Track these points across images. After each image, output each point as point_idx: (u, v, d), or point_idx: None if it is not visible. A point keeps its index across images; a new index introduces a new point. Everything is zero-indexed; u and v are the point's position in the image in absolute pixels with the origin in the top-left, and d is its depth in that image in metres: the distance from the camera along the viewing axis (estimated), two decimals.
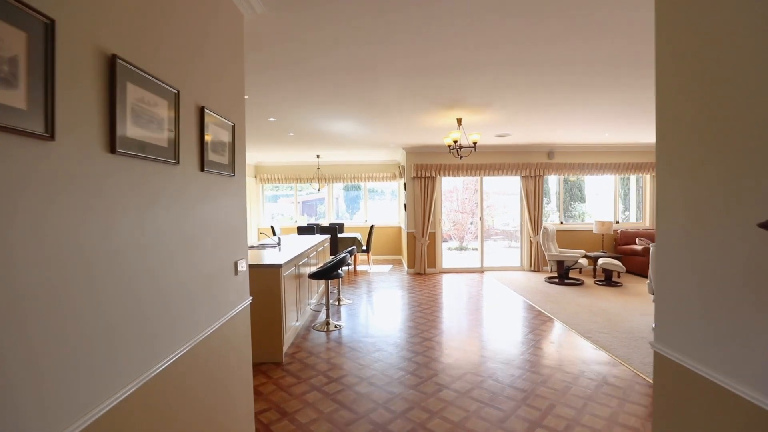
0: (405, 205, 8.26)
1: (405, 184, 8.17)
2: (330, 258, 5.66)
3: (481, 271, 8.10)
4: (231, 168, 1.99)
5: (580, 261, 6.73)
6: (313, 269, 4.76)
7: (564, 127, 5.98)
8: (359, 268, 8.51)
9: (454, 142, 5.16)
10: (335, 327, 4.48)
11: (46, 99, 0.86)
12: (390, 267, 8.78)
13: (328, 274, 4.35)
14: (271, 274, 3.54)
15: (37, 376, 0.86)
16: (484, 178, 8.22)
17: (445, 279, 7.40)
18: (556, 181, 8.60)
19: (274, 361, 3.50)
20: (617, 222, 8.33)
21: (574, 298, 5.69)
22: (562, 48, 2.86)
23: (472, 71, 3.35)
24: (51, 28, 0.86)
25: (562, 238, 8.01)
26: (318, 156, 8.97)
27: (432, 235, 8.00)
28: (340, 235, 8.11)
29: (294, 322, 4.12)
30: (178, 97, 1.43)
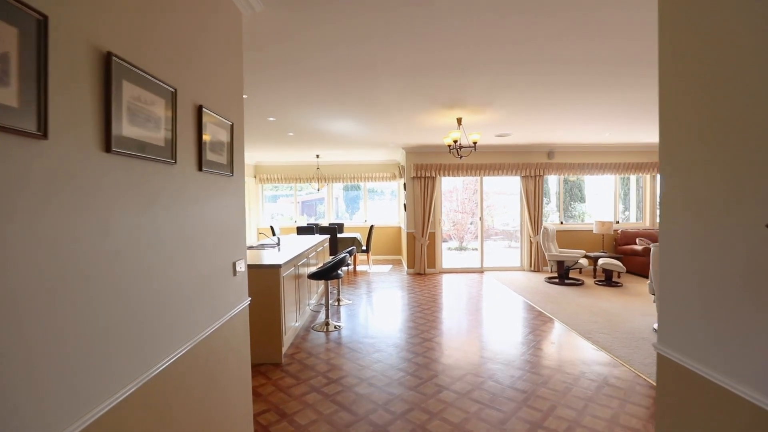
0: (405, 205, 8.24)
1: (405, 184, 8.16)
2: (329, 258, 5.65)
3: (481, 272, 8.09)
4: (229, 168, 1.97)
5: (580, 261, 6.72)
6: (313, 269, 4.74)
7: (564, 127, 5.96)
8: (359, 269, 8.50)
9: (454, 142, 5.14)
10: (335, 327, 4.46)
11: (39, 97, 0.84)
12: (390, 267, 8.77)
13: (327, 274, 4.34)
14: (270, 275, 3.52)
15: (36, 376, 0.86)
16: (483, 178, 8.21)
17: (445, 279, 7.38)
18: (556, 181, 8.59)
19: (274, 362, 3.48)
20: (617, 222, 8.32)
21: (575, 299, 5.67)
22: (561, 47, 2.84)
23: (472, 70, 3.33)
24: (44, 25, 0.85)
25: (562, 238, 8.00)
26: (318, 156, 8.95)
27: (432, 235, 7.98)
28: (339, 236, 8.10)
29: (293, 322, 4.10)
30: (176, 95, 1.41)
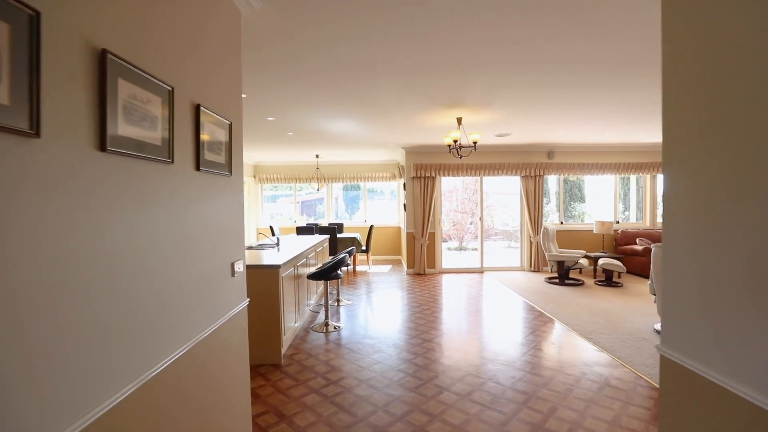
0: (404, 205, 8.23)
1: (404, 184, 8.14)
2: (329, 258, 5.63)
3: (481, 272, 8.07)
4: (228, 167, 1.95)
5: (580, 261, 6.70)
6: (312, 270, 4.72)
7: (564, 127, 5.95)
8: (358, 269, 8.48)
9: (454, 142, 5.12)
10: (334, 328, 4.44)
11: (31, 94, 0.82)
12: (389, 267, 8.75)
13: (327, 274, 4.32)
14: (269, 275, 3.50)
15: (36, 376, 0.86)
16: (483, 178, 8.19)
17: (445, 279, 7.36)
18: (555, 181, 8.58)
19: (273, 363, 3.46)
20: (617, 222, 8.31)
21: (575, 299, 5.66)
22: (561, 47, 2.83)
23: (472, 70, 3.32)
24: (36, 21, 0.83)
25: (562, 238, 7.98)
26: (317, 156, 8.93)
27: (431, 235, 7.97)
28: (339, 236, 8.08)
29: (292, 323, 4.08)
30: (173, 94, 1.39)
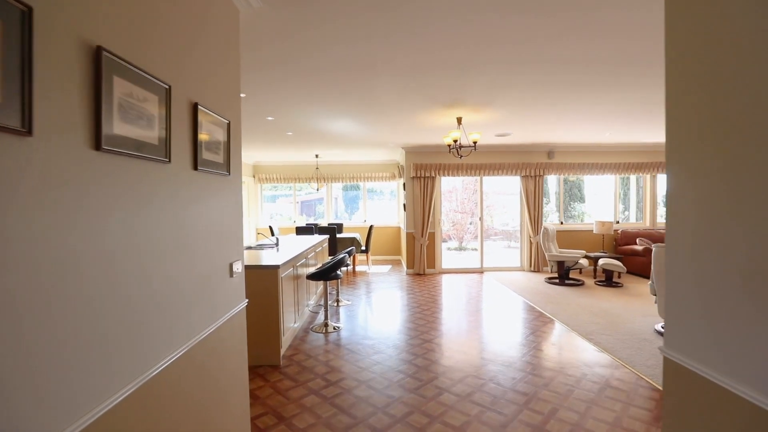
0: (404, 205, 8.21)
1: (404, 184, 8.12)
2: (329, 258, 5.61)
3: (481, 272, 8.05)
4: (226, 167, 1.93)
5: (580, 261, 6.68)
6: (312, 270, 4.70)
7: (564, 127, 5.93)
8: (358, 269, 8.45)
9: (454, 141, 5.10)
10: (334, 328, 4.42)
11: (23, 91, 0.80)
12: (389, 267, 8.73)
13: (326, 274, 4.30)
14: (268, 275, 3.48)
15: (35, 377, 0.85)
16: (483, 177, 8.17)
17: (445, 279, 7.34)
18: (555, 181, 8.56)
19: (272, 364, 3.44)
20: (617, 222, 8.29)
21: (575, 299, 5.64)
22: (561, 47, 2.82)
23: (472, 70, 3.30)
24: (28, 16, 0.81)
25: (562, 238, 7.96)
26: (317, 156, 8.91)
27: (431, 236, 7.95)
28: (338, 236, 8.06)
29: (292, 323, 4.06)
30: (170, 92, 1.37)
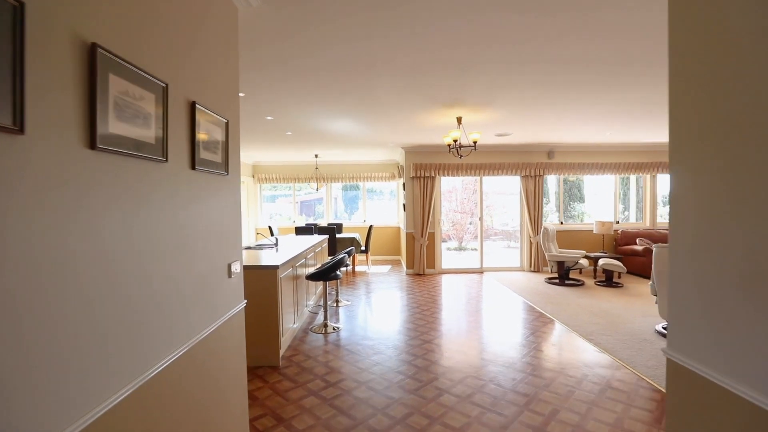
0: (404, 205, 8.19)
1: (404, 184, 8.10)
2: (328, 259, 5.59)
3: (481, 272, 8.04)
4: (224, 166, 1.91)
5: (580, 261, 6.67)
6: (311, 270, 4.68)
7: (564, 127, 5.91)
8: (358, 269, 8.44)
9: (454, 141, 5.08)
10: (333, 329, 4.41)
11: (14, 89, 0.78)
12: (389, 267, 8.71)
13: (326, 275, 4.28)
14: (267, 276, 3.46)
15: (33, 377, 0.84)
16: (483, 177, 8.16)
17: (445, 280, 7.33)
18: (555, 181, 8.55)
19: (271, 365, 3.43)
20: (617, 222, 8.28)
21: (575, 299, 5.63)
22: (561, 47, 2.80)
23: (472, 70, 3.28)
24: (20, 11, 0.79)
25: (562, 238, 7.95)
26: (316, 155, 8.89)
27: (431, 236, 7.93)
28: (338, 236, 8.04)
29: (291, 324, 4.05)
30: (167, 91, 1.35)
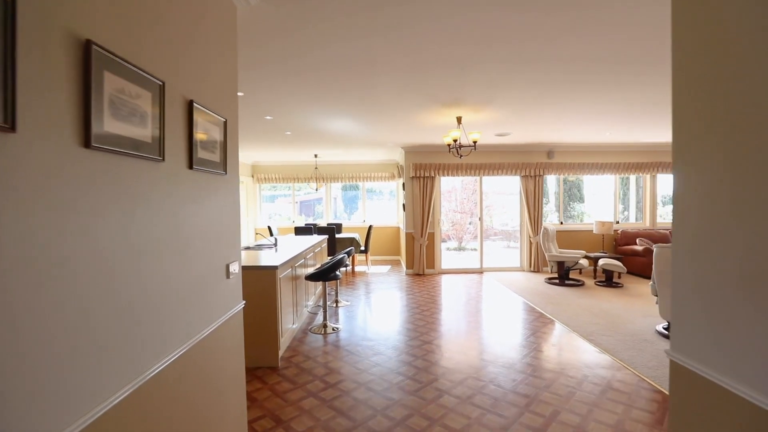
0: (404, 205, 8.17)
1: (404, 184, 8.08)
2: (328, 259, 5.57)
3: (481, 272, 8.02)
4: (223, 166, 1.89)
5: (580, 262, 6.65)
6: (311, 270, 4.66)
7: (564, 127, 5.90)
8: (357, 269, 8.42)
9: (454, 141, 5.07)
10: (333, 330, 4.39)
11: (6, 85, 0.76)
12: (388, 268, 8.69)
13: (325, 275, 4.26)
14: (266, 276, 3.45)
15: (28, 380, 0.83)
16: (483, 177, 8.14)
17: (444, 280, 7.31)
18: (555, 181, 8.53)
19: (270, 366, 3.41)
20: (617, 222, 8.27)
21: (575, 300, 5.61)
22: (562, 46, 2.79)
23: (472, 69, 3.27)
24: (11, 6, 0.77)
25: (562, 238, 7.94)
26: (316, 155, 8.87)
27: (431, 236, 7.91)
28: (338, 236, 8.02)
29: (290, 324, 4.03)
30: (163, 89, 1.34)
